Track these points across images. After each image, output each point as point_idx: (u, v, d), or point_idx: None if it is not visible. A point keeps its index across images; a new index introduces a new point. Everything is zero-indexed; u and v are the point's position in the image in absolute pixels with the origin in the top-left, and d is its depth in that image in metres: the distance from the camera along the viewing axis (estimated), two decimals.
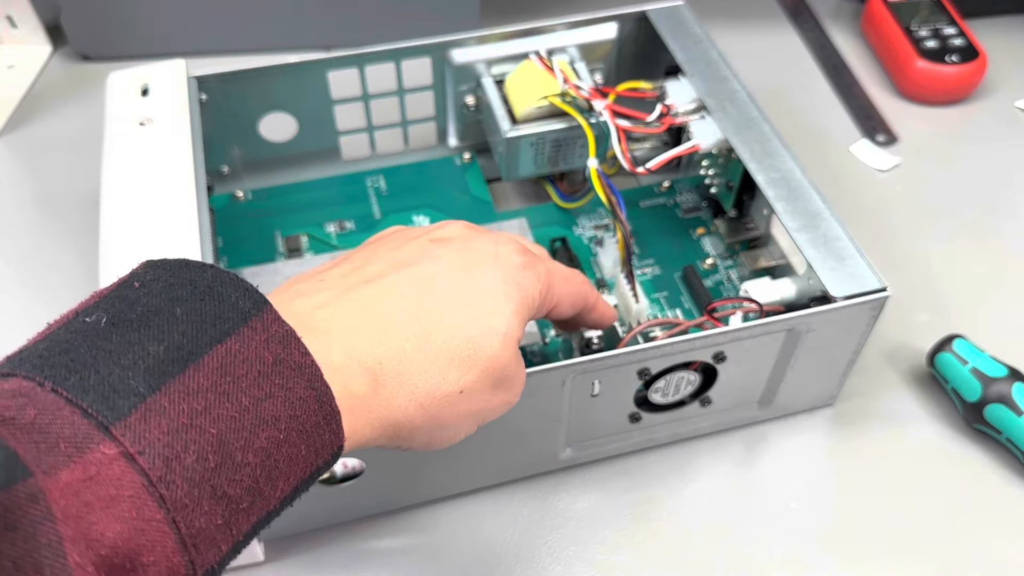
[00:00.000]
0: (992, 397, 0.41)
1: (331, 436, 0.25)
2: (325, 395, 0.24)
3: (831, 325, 0.38)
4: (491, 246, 0.32)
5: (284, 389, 0.23)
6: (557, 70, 0.47)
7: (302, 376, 0.24)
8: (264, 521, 0.24)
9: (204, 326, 0.23)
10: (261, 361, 0.23)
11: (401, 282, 0.29)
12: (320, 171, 0.53)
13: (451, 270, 0.30)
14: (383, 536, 0.40)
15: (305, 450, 0.24)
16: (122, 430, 0.20)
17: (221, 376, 0.22)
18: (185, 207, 0.40)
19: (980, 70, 0.60)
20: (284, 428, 0.23)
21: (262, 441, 0.22)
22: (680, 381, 0.39)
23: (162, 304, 0.23)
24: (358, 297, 0.28)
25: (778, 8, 0.69)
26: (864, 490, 0.41)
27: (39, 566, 0.18)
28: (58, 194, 0.55)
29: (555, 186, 0.51)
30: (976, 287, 0.49)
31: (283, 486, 0.24)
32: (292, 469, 0.24)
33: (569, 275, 0.35)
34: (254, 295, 0.24)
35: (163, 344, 0.22)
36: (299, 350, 0.24)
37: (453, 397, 0.28)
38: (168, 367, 0.22)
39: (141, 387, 0.21)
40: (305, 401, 0.24)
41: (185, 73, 0.46)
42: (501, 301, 0.30)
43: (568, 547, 0.39)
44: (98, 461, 0.20)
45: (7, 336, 0.47)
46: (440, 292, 0.29)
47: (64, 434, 0.20)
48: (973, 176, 0.56)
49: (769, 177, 0.42)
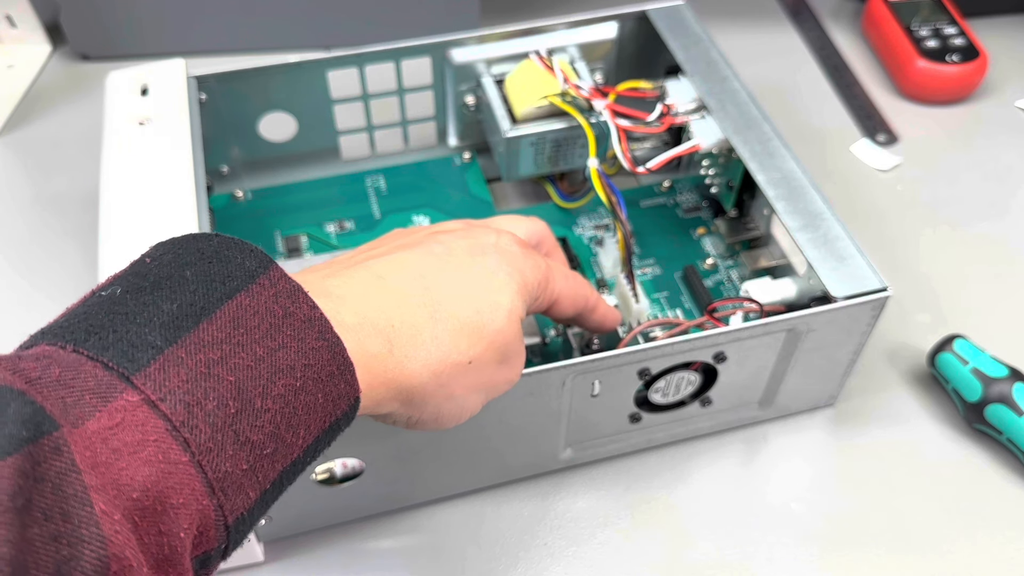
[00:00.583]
0: (993, 397, 0.41)
1: (346, 387, 0.25)
2: (337, 346, 0.25)
3: (831, 325, 0.38)
4: (492, 235, 0.33)
5: (296, 340, 0.24)
6: (557, 70, 0.47)
7: (312, 328, 0.24)
8: (290, 472, 0.25)
9: (214, 284, 0.24)
10: (271, 314, 0.24)
11: (410, 256, 0.30)
12: (320, 171, 0.53)
13: (455, 251, 0.31)
14: (383, 536, 0.40)
15: (322, 398, 0.24)
16: (143, 379, 0.21)
17: (234, 328, 0.23)
18: (184, 207, 0.40)
19: (981, 70, 0.60)
20: (300, 376, 0.24)
21: (279, 388, 0.23)
22: (680, 381, 0.39)
23: (172, 271, 0.24)
24: (368, 268, 0.29)
25: (778, 7, 0.69)
26: (864, 490, 0.41)
27: (67, 515, 0.19)
28: (57, 193, 0.55)
29: (555, 186, 0.51)
30: (976, 287, 0.49)
31: (304, 434, 0.24)
32: (311, 417, 0.24)
33: (569, 273, 0.36)
34: (259, 255, 0.25)
35: (175, 303, 0.23)
36: (307, 303, 0.25)
37: (463, 367, 0.29)
38: (182, 322, 0.22)
39: (158, 341, 0.22)
40: (318, 351, 0.24)
41: (184, 72, 0.46)
42: (504, 279, 0.31)
43: (568, 547, 0.39)
44: (122, 408, 0.21)
45: (8, 335, 0.47)
46: (447, 267, 0.30)
47: (88, 386, 0.21)
48: (974, 176, 0.56)
49: (769, 177, 0.42)
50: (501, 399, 0.35)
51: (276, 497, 0.25)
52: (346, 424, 0.26)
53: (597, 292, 0.38)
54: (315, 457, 0.26)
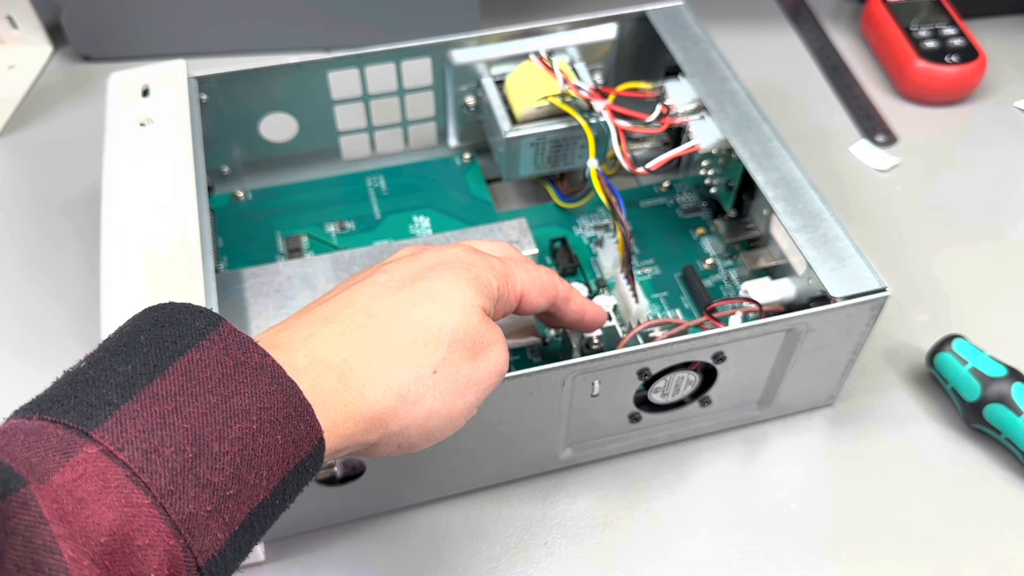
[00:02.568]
0: (991, 397, 0.41)
1: (306, 428, 0.26)
2: (291, 388, 0.25)
3: (831, 325, 0.39)
4: (436, 253, 0.33)
5: (249, 386, 0.25)
6: (557, 70, 0.47)
7: (264, 373, 0.25)
8: (259, 515, 0.25)
9: (165, 344, 0.25)
10: (223, 365, 0.25)
11: (353, 293, 0.30)
12: (320, 171, 0.53)
13: (398, 275, 0.31)
14: (383, 536, 0.40)
15: (282, 440, 0.25)
16: (101, 433, 0.22)
17: (187, 381, 0.24)
18: (185, 207, 0.40)
19: (979, 70, 0.60)
20: (256, 419, 0.24)
21: (236, 432, 0.24)
22: (680, 381, 0.39)
23: (129, 338, 0.25)
24: (312, 314, 0.30)
25: (778, 8, 0.69)
26: (864, 490, 0.41)
27: (39, 565, 0.20)
28: (59, 194, 0.55)
29: (555, 186, 0.51)
30: (976, 287, 0.50)
31: (267, 475, 0.25)
32: (273, 458, 0.25)
33: (529, 266, 0.36)
34: (209, 315, 0.26)
35: (130, 364, 0.24)
36: (258, 352, 0.26)
37: (428, 379, 0.29)
38: (137, 380, 0.24)
39: (115, 399, 0.23)
40: (272, 395, 0.25)
41: (185, 73, 0.46)
42: (451, 279, 0.31)
43: (568, 547, 0.40)
44: (83, 460, 0.22)
45: (8, 336, 0.48)
46: (390, 291, 0.30)
47: (51, 445, 0.22)
48: (972, 176, 0.56)
49: (769, 177, 0.42)
50: (501, 399, 0.36)
51: (250, 541, 0.25)
52: (314, 466, 0.26)
53: (569, 284, 0.38)
54: (287, 500, 0.26)
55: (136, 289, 0.37)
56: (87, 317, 0.47)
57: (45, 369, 0.45)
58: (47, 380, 0.46)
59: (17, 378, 0.45)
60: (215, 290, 0.37)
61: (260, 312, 0.43)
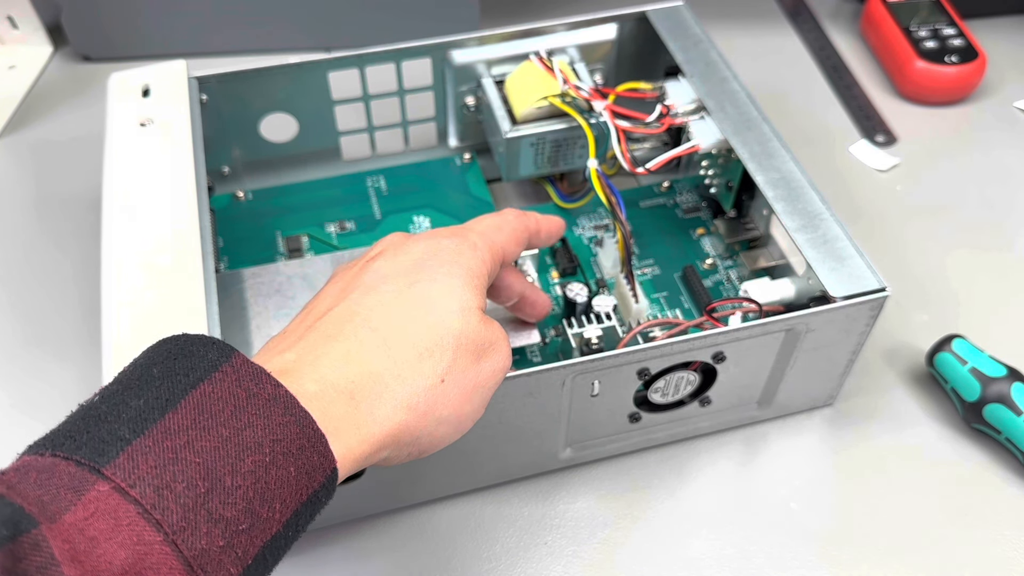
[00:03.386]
0: (991, 397, 0.41)
1: (320, 458, 0.25)
2: (305, 419, 0.25)
3: (830, 325, 0.39)
4: (420, 243, 0.33)
5: (262, 418, 0.25)
6: (557, 71, 0.47)
7: (277, 404, 0.25)
8: (272, 548, 0.25)
9: (178, 378, 0.25)
10: (235, 397, 0.25)
11: (350, 306, 0.30)
12: (320, 171, 0.53)
13: (390, 277, 0.31)
14: (383, 536, 0.40)
15: (295, 472, 0.25)
16: (112, 470, 0.22)
17: (199, 414, 0.24)
18: (186, 207, 0.40)
19: (979, 71, 0.60)
20: (269, 451, 0.24)
21: (248, 465, 0.24)
22: (680, 381, 0.39)
23: (141, 372, 0.25)
24: (315, 331, 0.29)
25: (777, 9, 0.69)
26: (863, 490, 0.41)
27: None
28: (59, 194, 0.55)
29: (555, 186, 0.51)
30: (975, 287, 0.50)
31: (280, 508, 0.25)
32: (286, 491, 0.25)
33: (500, 222, 0.36)
34: (221, 346, 0.26)
35: (142, 399, 0.24)
36: (271, 383, 0.25)
37: (437, 388, 0.29)
38: (149, 414, 0.24)
39: (126, 434, 0.23)
40: (285, 426, 0.25)
41: (186, 74, 0.46)
42: (445, 281, 0.31)
43: (568, 546, 0.40)
44: (95, 499, 0.22)
45: (8, 336, 0.48)
46: (387, 300, 0.30)
47: (63, 483, 0.22)
48: (972, 176, 0.56)
49: (768, 177, 0.42)
50: (501, 399, 0.36)
51: (264, 572, 0.25)
52: (326, 496, 0.26)
53: (526, 213, 0.37)
54: (298, 531, 0.26)
55: (136, 289, 0.37)
56: (88, 317, 0.47)
57: (45, 369, 0.45)
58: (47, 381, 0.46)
59: (17, 378, 0.45)
60: (215, 290, 0.37)
61: (260, 312, 0.43)
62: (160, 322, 0.36)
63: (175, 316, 0.36)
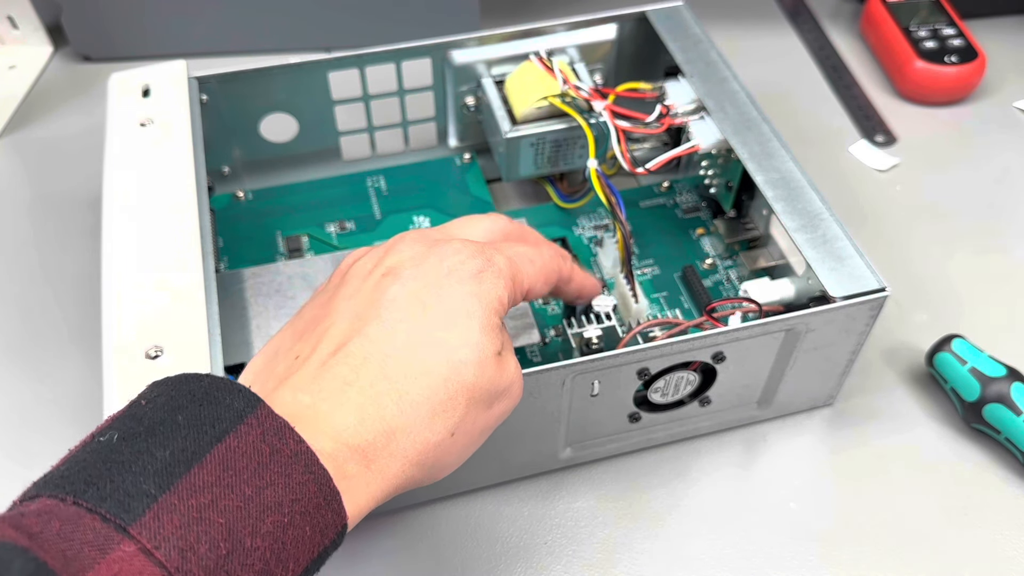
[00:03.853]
0: (991, 397, 0.41)
1: (333, 516, 0.26)
2: (323, 478, 0.25)
3: (830, 325, 0.39)
4: (441, 262, 0.31)
5: (284, 476, 0.25)
6: (557, 71, 0.47)
7: (299, 463, 0.25)
8: None
9: (204, 428, 0.25)
10: (259, 453, 0.25)
11: (364, 345, 0.29)
12: (320, 171, 0.53)
13: (407, 311, 0.30)
14: (383, 536, 0.40)
15: (310, 531, 0.25)
16: (139, 529, 0.22)
17: (224, 471, 0.24)
18: (186, 207, 0.40)
19: (979, 71, 0.60)
20: (288, 512, 0.24)
21: (268, 526, 0.24)
22: (679, 381, 0.39)
23: (165, 415, 0.25)
24: (330, 372, 0.29)
25: (777, 9, 0.69)
26: (863, 490, 0.41)
27: None
28: (59, 195, 0.55)
29: (555, 186, 0.51)
30: (975, 287, 0.50)
31: (294, 567, 0.25)
32: (300, 550, 0.25)
33: (534, 254, 0.34)
34: (247, 395, 0.26)
35: (168, 449, 0.24)
36: (293, 439, 0.25)
37: (447, 443, 0.29)
38: (175, 468, 0.24)
39: (152, 489, 0.23)
40: (304, 485, 0.25)
41: (186, 74, 0.46)
42: (463, 324, 0.30)
43: (568, 547, 0.40)
44: (120, 559, 0.22)
45: (8, 337, 0.48)
46: (401, 343, 0.29)
47: (88, 539, 0.22)
48: (972, 176, 0.56)
49: (768, 177, 0.42)
50: None
51: None
52: (334, 549, 0.27)
53: (571, 261, 0.36)
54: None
55: (136, 289, 0.37)
56: (88, 317, 0.47)
57: (46, 370, 0.46)
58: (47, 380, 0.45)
59: (18, 378, 0.45)
60: (215, 290, 0.37)
61: (260, 312, 0.43)
62: (160, 322, 0.36)
63: (175, 316, 0.36)
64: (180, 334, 0.35)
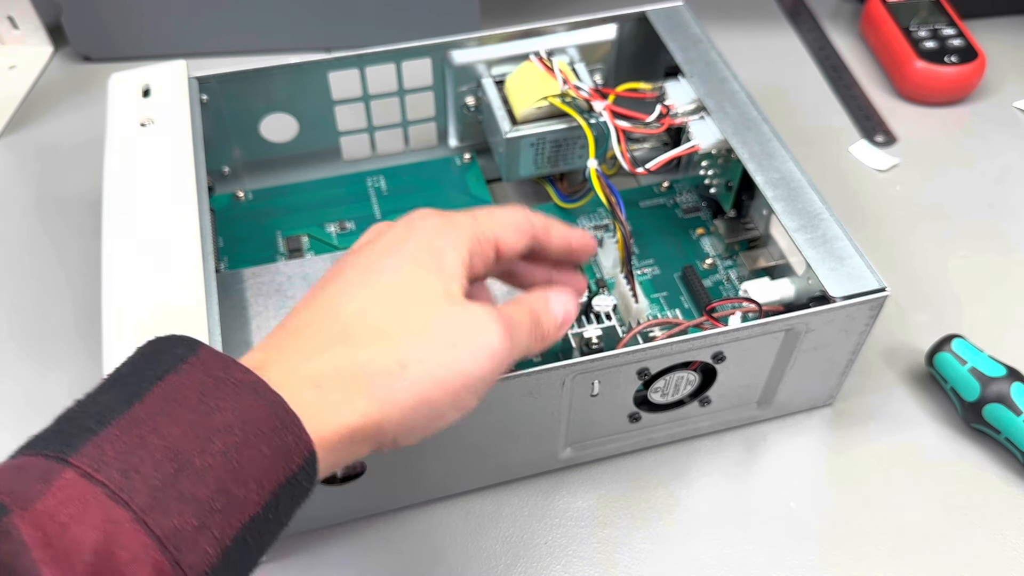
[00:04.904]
0: (991, 397, 0.41)
1: (294, 439, 0.25)
2: (275, 401, 0.25)
3: (830, 325, 0.39)
4: (398, 225, 0.32)
5: (231, 401, 0.25)
6: (557, 71, 0.47)
7: (247, 389, 0.25)
8: (253, 529, 0.25)
9: (146, 373, 0.25)
10: (203, 384, 0.25)
11: (317, 298, 0.30)
12: (321, 171, 0.53)
13: (359, 265, 0.31)
14: (383, 536, 0.40)
15: (269, 452, 0.25)
16: (79, 458, 0.23)
17: (165, 403, 0.24)
18: (186, 207, 0.40)
19: (979, 71, 0.60)
20: (239, 433, 0.24)
21: (218, 446, 0.24)
22: (679, 381, 0.39)
23: (113, 374, 0.26)
24: (283, 328, 0.30)
25: (777, 9, 0.69)
26: (863, 489, 0.41)
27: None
28: (59, 194, 0.55)
29: (555, 186, 0.51)
30: (975, 287, 0.50)
31: (257, 488, 0.25)
32: (261, 471, 0.25)
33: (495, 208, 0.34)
34: (190, 342, 0.26)
35: (110, 394, 0.25)
36: (239, 369, 0.26)
37: (397, 375, 0.28)
38: (116, 406, 0.24)
39: (93, 426, 0.24)
40: (254, 408, 0.25)
41: (186, 74, 0.46)
42: (410, 268, 0.30)
43: (568, 547, 0.40)
44: (64, 486, 0.22)
45: (8, 337, 0.48)
46: (352, 289, 0.30)
47: (33, 476, 0.23)
48: (972, 176, 0.56)
49: (768, 177, 0.42)
50: (501, 399, 0.36)
51: (245, 559, 0.25)
52: (308, 480, 0.26)
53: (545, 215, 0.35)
54: (281, 515, 0.26)
55: (137, 289, 0.37)
56: (88, 317, 0.47)
57: (46, 370, 0.46)
58: (48, 381, 0.46)
59: (18, 378, 0.45)
60: (215, 290, 0.37)
61: (260, 312, 0.43)
62: (160, 322, 0.36)
63: (175, 316, 0.36)
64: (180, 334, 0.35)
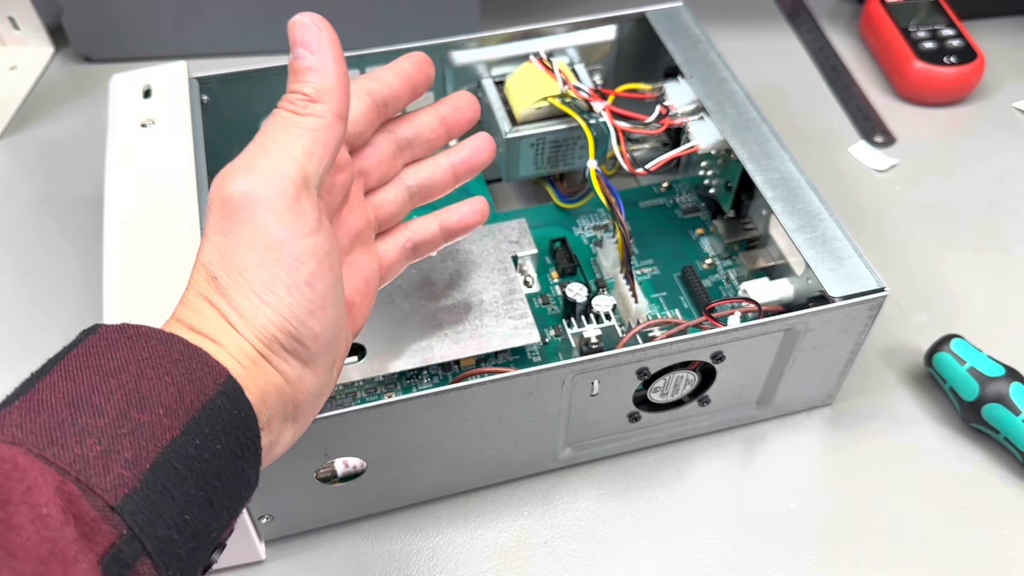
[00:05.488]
0: (990, 396, 0.41)
1: (202, 367, 0.26)
2: (171, 339, 0.26)
3: (829, 325, 0.39)
4: None
5: (123, 350, 0.26)
6: (557, 71, 0.47)
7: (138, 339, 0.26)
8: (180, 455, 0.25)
9: (57, 356, 0.27)
10: (97, 349, 0.26)
11: None
12: None
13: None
14: (383, 536, 0.40)
15: (172, 380, 0.25)
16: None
17: (63, 372, 0.26)
18: (186, 208, 0.40)
19: (978, 71, 0.60)
20: (136, 370, 0.25)
21: (114, 384, 0.25)
22: (679, 381, 0.40)
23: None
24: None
25: (776, 9, 0.69)
26: (862, 489, 0.42)
27: None
28: (60, 195, 0.55)
29: (555, 187, 0.51)
30: (974, 287, 0.50)
31: (166, 413, 0.25)
32: (168, 398, 0.25)
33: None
34: (94, 326, 0.27)
35: (24, 382, 0.26)
36: (133, 330, 0.27)
37: (222, 245, 0.29)
38: (20, 391, 0.26)
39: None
40: (148, 348, 0.26)
41: (187, 74, 0.47)
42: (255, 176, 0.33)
43: (568, 545, 0.40)
44: None
45: (9, 337, 0.48)
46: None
47: None
48: (970, 177, 0.56)
49: (768, 178, 0.42)
50: (501, 399, 0.36)
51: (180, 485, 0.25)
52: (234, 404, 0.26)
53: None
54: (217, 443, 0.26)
55: (137, 289, 0.37)
56: (88, 318, 0.47)
57: None
58: None
59: (18, 378, 0.45)
60: None
61: None
62: (160, 322, 0.36)
63: None
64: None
